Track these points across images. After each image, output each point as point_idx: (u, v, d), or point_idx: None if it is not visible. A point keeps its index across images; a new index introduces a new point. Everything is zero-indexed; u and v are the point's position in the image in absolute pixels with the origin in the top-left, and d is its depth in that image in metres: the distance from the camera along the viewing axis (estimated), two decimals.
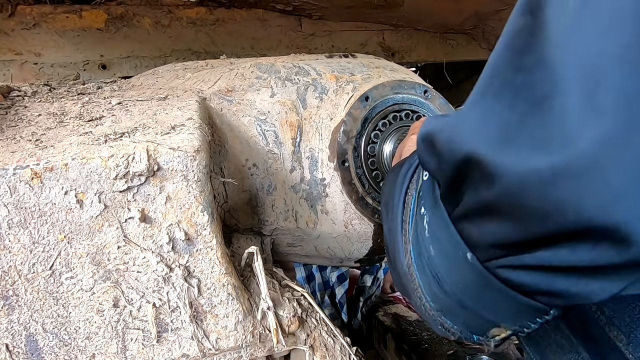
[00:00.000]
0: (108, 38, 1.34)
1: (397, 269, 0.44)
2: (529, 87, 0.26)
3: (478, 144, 0.28)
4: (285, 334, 0.62)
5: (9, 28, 1.25)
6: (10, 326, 0.52)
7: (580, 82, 0.23)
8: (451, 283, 0.35)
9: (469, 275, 0.33)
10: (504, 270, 0.31)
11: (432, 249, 0.37)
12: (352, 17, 1.59)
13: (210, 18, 1.43)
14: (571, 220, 0.24)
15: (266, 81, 0.83)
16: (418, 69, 2.38)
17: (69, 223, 0.51)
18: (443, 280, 0.36)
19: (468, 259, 0.33)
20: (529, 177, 0.25)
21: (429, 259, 0.38)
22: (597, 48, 0.23)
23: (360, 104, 0.81)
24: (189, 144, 0.55)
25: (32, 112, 0.68)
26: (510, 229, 0.28)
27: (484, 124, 0.29)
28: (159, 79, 0.94)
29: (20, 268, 0.51)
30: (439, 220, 0.36)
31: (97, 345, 0.55)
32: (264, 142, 0.80)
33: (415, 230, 0.40)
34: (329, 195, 0.82)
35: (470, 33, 1.78)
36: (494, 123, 0.28)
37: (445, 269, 0.36)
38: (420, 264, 0.39)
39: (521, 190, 0.25)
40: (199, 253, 0.57)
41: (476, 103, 0.30)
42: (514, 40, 0.29)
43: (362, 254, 0.91)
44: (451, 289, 0.36)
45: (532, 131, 0.25)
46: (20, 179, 0.49)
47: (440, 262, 0.36)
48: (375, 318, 1.57)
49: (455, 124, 0.32)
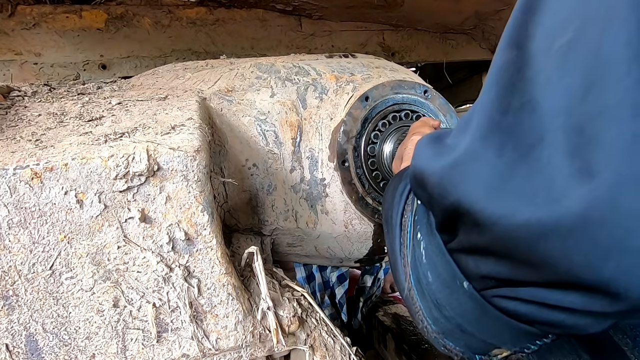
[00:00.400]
0: (108, 38, 1.34)
1: (400, 289, 0.45)
2: (517, 132, 0.26)
3: (467, 193, 0.28)
4: (285, 334, 0.62)
5: (9, 28, 1.25)
6: (10, 326, 0.52)
7: (567, 134, 0.23)
8: (450, 309, 0.36)
9: (467, 302, 0.34)
10: (500, 300, 0.31)
11: (430, 275, 0.38)
12: (352, 17, 1.59)
13: (210, 18, 1.43)
14: (561, 273, 0.24)
15: (266, 81, 0.83)
16: (418, 69, 2.38)
17: (69, 223, 0.51)
18: (442, 306, 0.37)
19: (465, 288, 0.33)
20: (518, 230, 0.25)
21: (427, 285, 0.38)
22: (583, 103, 0.22)
23: (360, 104, 0.81)
24: (189, 144, 0.55)
25: (32, 112, 0.68)
26: (504, 269, 0.29)
27: (473, 172, 0.28)
28: (159, 79, 0.94)
29: (20, 268, 0.51)
30: (435, 248, 0.36)
31: (97, 345, 0.55)
32: (264, 142, 0.80)
33: (413, 256, 0.41)
34: (329, 195, 0.82)
35: (470, 33, 1.78)
36: (483, 171, 0.28)
37: (444, 296, 0.36)
38: (420, 289, 0.40)
39: (511, 241, 0.26)
40: (199, 253, 0.57)
41: (466, 147, 0.30)
42: (501, 76, 0.28)
43: (362, 254, 0.91)
44: (450, 314, 0.36)
45: (520, 182, 0.25)
46: (20, 179, 0.49)
47: (439, 288, 0.37)
48: (375, 318, 1.57)
49: (446, 168, 0.31)
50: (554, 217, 0.23)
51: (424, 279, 0.38)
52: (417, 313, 0.40)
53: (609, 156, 0.21)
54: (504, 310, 0.31)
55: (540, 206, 0.24)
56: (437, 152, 0.33)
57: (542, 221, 0.23)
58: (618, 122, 0.21)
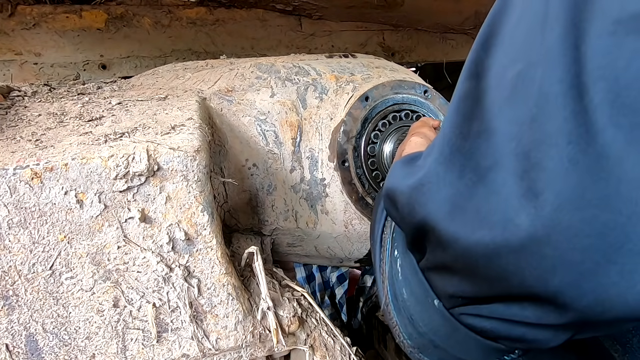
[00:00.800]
0: (108, 38, 1.34)
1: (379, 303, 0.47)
2: (476, 156, 0.28)
3: (431, 212, 0.30)
4: (285, 334, 0.62)
5: (9, 28, 1.25)
6: (10, 326, 0.52)
7: (518, 158, 0.25)
8: (424, 325, 0.38)
9: (438, 319, 0.36)
10: (467, 317, 0.34)
11: (405, 292, 0.40)
12: (352, 17, 1.59)
13: (210, 18, 1.43)
14: (515, 286, 0.26)
15: (266, 81, 0.83)
16: (418, 69, 2.38)
17: (69, 223, 0.51)
18: (416, 322, 0.39)
19: (436, 305, 0.35)
20: (476, 247, 0.27)
21: (403, 302, 0.40)
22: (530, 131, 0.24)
23: (360, 104, 0.81)
24: (189, 144, 0.55)
25: (32, 112, 0.68)
26: (466, 286, 0.31)
27: (436, 192, 0.30)
28: (159, 79, 0.94)
29: (20, 268, 0.51)
30: (409, 266, 0.39)
31: (97, 345, 0.55)
32: (264, 142, 0.80)
33: (390, 272, 0.43)
34: (329, 195, 0.82)
35: (470, 33, 1.78)
36: (446, 192, 0.29)
37: (417, 312, 0.38)
38: (396, 304, 0.42)
39: (470, 258, 0.28)
40: (199, 253, 0.57)
41: (429, 168, 0.32)
42: (462, 105, 0.30)
43: (362, 254, 0.91)
44: (424, 330, 0.38)
45: (478, 202, 0.27)
46: (20, 179, 0.49)
47: (413, 305, 0.39)
48: (375, 318, 1.57)
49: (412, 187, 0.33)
50: (506, 236, 0.25)
51: (400, 295, 0.41)
52: (394, 328, 0.42)
53: (550, 179, 0.23)
54: (471, 327, 0.33)
55: (496, 225, 0.26)
56: (408, 172, 0.35)
57: (496, 239, 0.26)
58: (557, 148, 0.23)
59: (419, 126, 0.70)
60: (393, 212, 0.39)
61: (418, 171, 0.33)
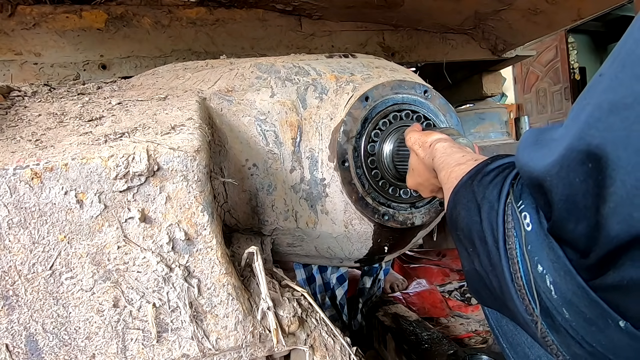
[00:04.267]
0: (108, 38, 1.34)
1: (511, 315, 0.41)
2: None
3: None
4: (285, 334, 0.62)
5: (9, 28, 1.25)
6: (10, 326, 0.52)
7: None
8: (599, 346, 0.34)
9: (622, 339, 0.32)
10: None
11: (565, 311, 0.35)
12: (352, 17, 1.59)
13: (210, 18, 1.43)
14: None
15: (266, 81, 0.83)
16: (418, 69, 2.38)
17: (69, 223, 0.51)
18: (587, 343, 0.34)
19: (621, 327, 0.31)
20: None
21: (564, 321, 0.35)
22: None
23: (360, 104, 0.81)
24: (189, 144, 0.55)
25: (32, 112, 0.68)
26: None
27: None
28: (159, 79, 0.94)
29: (20, 268, 0.51)
30: (573, 285, 0.33)
31: (97, 345, 0.55)
32: (264, 142, 0.80)
33: (535, 289, 0.38)
34: (329, 195, 0.82)
35: (470, 33, 1.78)
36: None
37: (589, 333, 0.34)
38: (552, 324, 0.37)
39: None
40: (199, 253, 0.57)
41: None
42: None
43: (362, 254, 0.91)
44: (599, 350, 0.34)
45: None
46: (20, 179, 0.49)
47: (581, 326, 0.34)
48: (375, 318, 1.57)
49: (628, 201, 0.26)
50: None
51: (558, 315, 0.36)
52: (550, 347, 0.38)
53: None
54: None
55: None
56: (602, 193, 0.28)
57: None
58: None
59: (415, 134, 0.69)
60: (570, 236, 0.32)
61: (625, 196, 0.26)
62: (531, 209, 0.38)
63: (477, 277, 0.45)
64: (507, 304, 0.41)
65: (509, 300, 0.40)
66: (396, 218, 0.86)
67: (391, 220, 0.85)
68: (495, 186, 0.43)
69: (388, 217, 0.85)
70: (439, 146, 0.61)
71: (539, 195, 0.35)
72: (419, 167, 0.68)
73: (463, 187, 0.48)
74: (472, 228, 0.44)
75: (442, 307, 1.69)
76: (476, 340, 1.44)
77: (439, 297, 1.75)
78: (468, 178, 0.48)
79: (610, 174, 0.27)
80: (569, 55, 5.26)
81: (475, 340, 1.44)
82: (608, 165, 0.27)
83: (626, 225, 0.26)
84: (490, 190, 0.43)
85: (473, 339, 1.45)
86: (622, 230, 0.27)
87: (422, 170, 0.67)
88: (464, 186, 0.48)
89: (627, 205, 0.26)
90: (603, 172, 0.27)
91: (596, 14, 1.45)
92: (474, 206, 0.44)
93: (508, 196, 0.41)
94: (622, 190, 0.26)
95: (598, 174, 0.28)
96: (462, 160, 0.54)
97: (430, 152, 0.63)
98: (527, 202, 0.38)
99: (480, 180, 0.46)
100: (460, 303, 1.71)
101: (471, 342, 1.44)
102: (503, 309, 0.43)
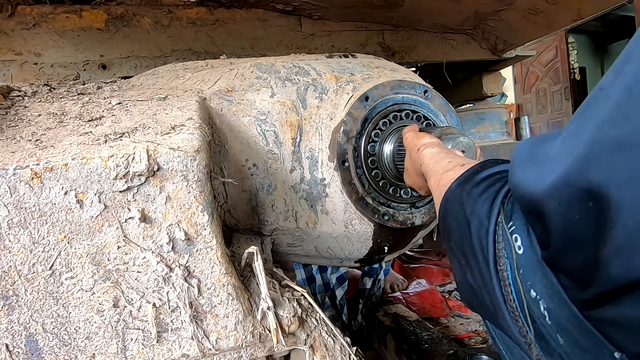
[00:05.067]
0: (108, 38, 1.34)
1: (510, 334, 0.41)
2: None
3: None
4: (285, 334, 0.62)
5: (9, 28, 1.25)
6: (10, 326, 0.52)
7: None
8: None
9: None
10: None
11: (560, 337, 0.34)
12: (352, 17, 1.59)
13: (210, 18, 1.43)
14: None
15: (266, 81, 0.83)
16: (418, 69, 2.38)
17: (69, 223, 0.51)
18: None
19: (616, 358, 0.30)
20: None
21: (558, 347, 0.35)
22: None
23: (360, 104, 0.81)
24: (189, 144, 0.55)
25: (32, 112, 0.68)
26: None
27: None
28: (159, 79, 0.94)
29: (20, 268, 0.51)
30: (566, 313, 0.33)
31: (97, 345, 0.55)
32: (264, 142, 0.80)
33: (528, 313, 0.37)
34: (329, 195, 0.82)
35: (470, 33, 1.78)
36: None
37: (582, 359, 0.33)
38: (546, 348, 0.36)
39: None
40: (199, 253, 0.57)
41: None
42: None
43: (362, 254, 0.91)
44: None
45: None
46: (20, 179, 0.49)
47: (575, 353, 0.33)
48: (375, 318, 1.57)
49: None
50: None
51: (551, 340, 0.35)
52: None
53: None
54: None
55: None
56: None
57: None
58: None
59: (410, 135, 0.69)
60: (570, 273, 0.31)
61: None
62: (522, 231, 0.37)
63: (470, 290, 0.44)
64: (499, 321, 0.40)
65: (501, 319, 0.40)
66: (396, 218, 0.86)
67: (391, 220, 0.85)
68: (485, 202, 0.42)
69: (388, 217, 0.85)
70: (427, 152, 0.61)
71: (534, 221, 0.34)
72: (411, 168, 0.69)
73: (452, 195, 0.47)
74: (463, 241, 0.43)
75: (442, 307, 1.69)
76: (476, 340, 1.44)
77: (439, 297, 1.75)
78: (457, 186, 0.47)
79: (612, 217, 0.26)
80: (569, 55, 5.26)
81: (475, 340, 1.44)
82: (610, 207, 0.26)
83: (626, 270, 0.26)
84: (480, 205, 0.42)
85: (473, 339, 1.45)
86: (623, 274, 0.26)
87: (414, 173, 0.68)
88: (453, 195, 0.47)
89: (629, 248, 0.26)
90: (605, 212, 0.27)
91: (596, 14, 1.45)
92: (463, 220, 0.43)
93: (499, 215, 0.39)
94: (624, 234, 0.26)
95: (599, 214, 0.27)
96: (449, 166, 0.53)
97: (418, 157, 0.63)
98: (518, 223, 0.37)
99: (469, 191, 0.44)
100: (460, 303, 1.71)
101: (471, 342, 1.44)
102: (496, 324, 0.42)
